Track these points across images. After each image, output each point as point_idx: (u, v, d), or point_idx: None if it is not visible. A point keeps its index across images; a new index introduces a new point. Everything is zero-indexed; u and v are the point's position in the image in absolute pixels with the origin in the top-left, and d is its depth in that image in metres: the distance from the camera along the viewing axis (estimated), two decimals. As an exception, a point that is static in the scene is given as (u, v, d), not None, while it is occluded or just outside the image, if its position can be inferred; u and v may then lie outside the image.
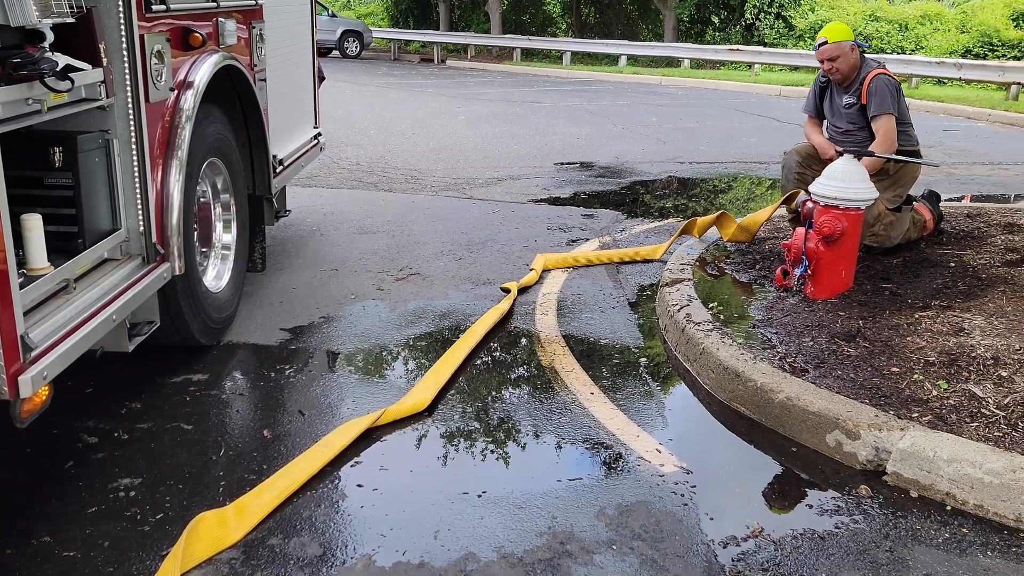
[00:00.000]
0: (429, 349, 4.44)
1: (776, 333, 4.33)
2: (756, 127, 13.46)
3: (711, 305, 4.69)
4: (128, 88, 3.29)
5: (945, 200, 6.72)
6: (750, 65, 22.95)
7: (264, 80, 4.92)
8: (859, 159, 4.75)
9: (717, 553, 2.83)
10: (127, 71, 3.26)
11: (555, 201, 7.93)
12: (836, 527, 2.99)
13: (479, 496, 3.13)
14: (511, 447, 3.52)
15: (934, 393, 3.61)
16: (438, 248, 6.23)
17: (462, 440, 3.55)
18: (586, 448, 3.50)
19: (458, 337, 4.49)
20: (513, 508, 3.06)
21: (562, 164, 9.75)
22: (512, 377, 4.18)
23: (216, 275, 4.48)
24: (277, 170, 5.15)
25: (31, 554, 2.76)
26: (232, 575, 2.68)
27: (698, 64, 24.66)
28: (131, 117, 3.31)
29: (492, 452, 3.48)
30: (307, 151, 5.99)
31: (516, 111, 14.57)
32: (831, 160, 5.09)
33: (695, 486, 3.22)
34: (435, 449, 3.47)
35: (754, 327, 4.43)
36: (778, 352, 4.08)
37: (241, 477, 3.22)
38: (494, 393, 3.98)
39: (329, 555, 2.79)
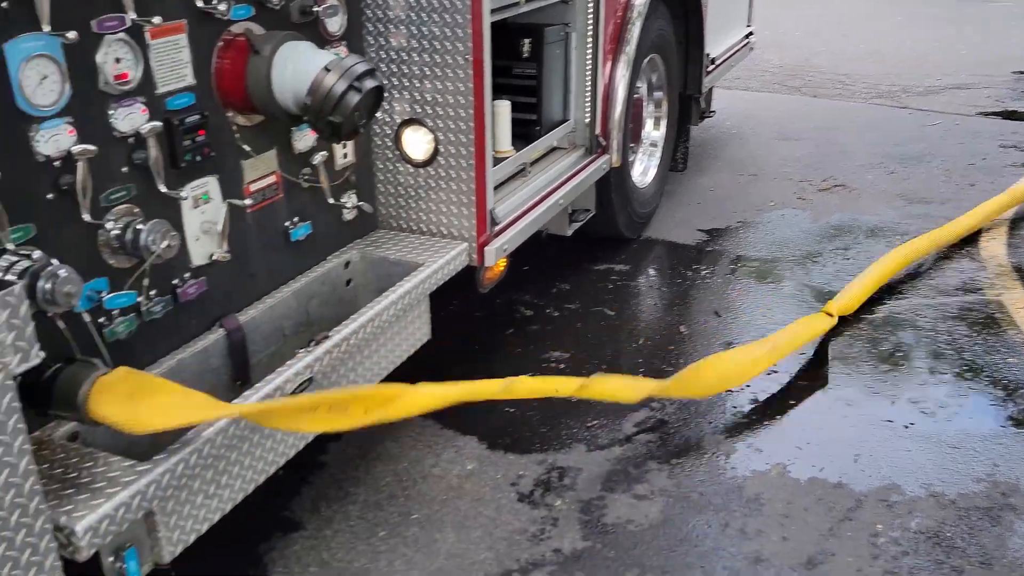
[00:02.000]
0: (852, 266, 4.17)
1: None
2: None
3: None
4: (590, -17, 3.41)
5: None
6: None
7: (707, -25, 4.82)
8: None
9: None
10: (590, -35, 3.38)
11: (1011, 115, 6.90)
12: None
13: (906, 427, 2.93)
14: (945, 381, 3.22)
15: None
16: (866, 160, 5.78)
17: (888, 365, 3.32)
18: (1038, 396, 3.09)
19: (886, 254, 4.15)
20: (945, 447, 2.81)
21: (1021, 73, 8.43)
22: (951, 305, 3.79)
23: (642, 171, 4.59)
24: (708, 69, 5.08)
25: (479, 403, 3.11)
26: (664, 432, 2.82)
27: None
28: (590, 12, 3.44)
29: (922, 382, 3.21)
30: (737, 50, 5.82)
31: (964, 12, 12.80)
32: None
33: None
34: (859, 369, 3.29)
35: None
36: None
37: (658, 368, 3.33)
38: (929, 319, 3.65)
39: (743, 457, 2.80)
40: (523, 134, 3.35)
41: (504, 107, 3.09)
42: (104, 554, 1.68)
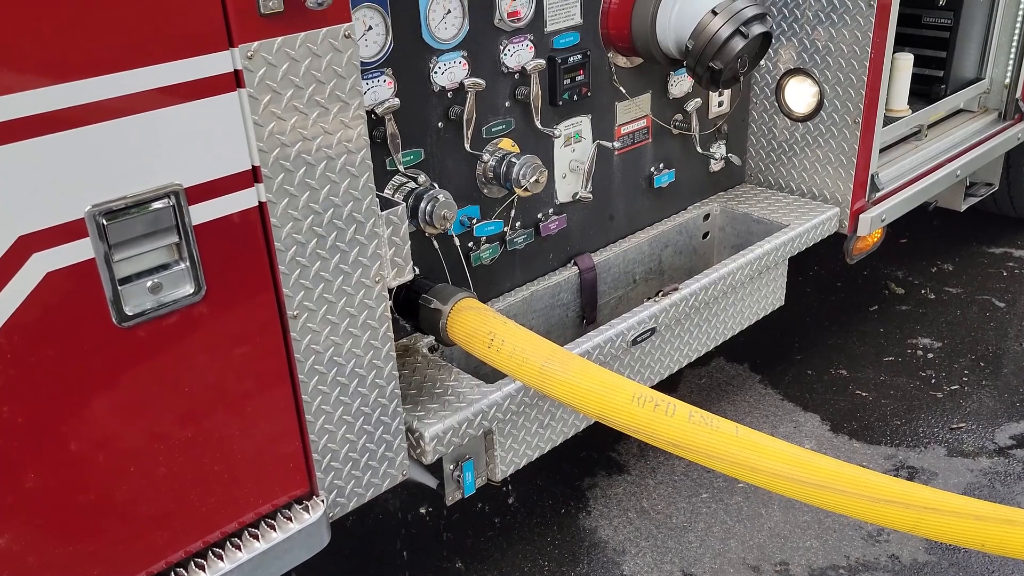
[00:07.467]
0: None
1: None
2: None
3: None
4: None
5: None
6: None
7: None
8: None
9: None
10: None
11: None
12: None
13: None
14: None
15: None
16: None
17: None
18: None
19: None
20: None
21: None
22: None
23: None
24: None
25: (827, 382, 2.92)
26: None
27: None
28: (1031, -49, 2.94)
29: None
30: None
31: None
32: None
33: None
34: None
35: None
36: None
37: (1052, 376, 2.86)
38: None
39: None
40: (923, 92, 2.98)
41: (905, 60, 2.76)
42: (446, 461, 1.82)
